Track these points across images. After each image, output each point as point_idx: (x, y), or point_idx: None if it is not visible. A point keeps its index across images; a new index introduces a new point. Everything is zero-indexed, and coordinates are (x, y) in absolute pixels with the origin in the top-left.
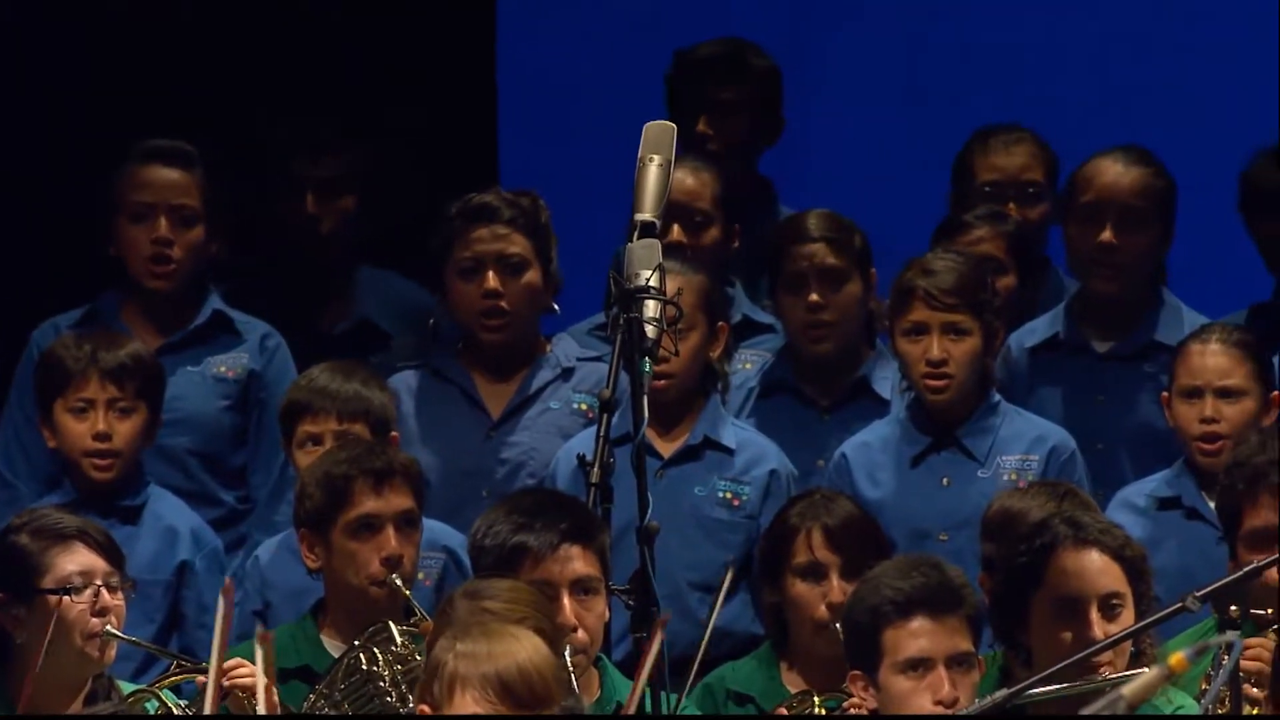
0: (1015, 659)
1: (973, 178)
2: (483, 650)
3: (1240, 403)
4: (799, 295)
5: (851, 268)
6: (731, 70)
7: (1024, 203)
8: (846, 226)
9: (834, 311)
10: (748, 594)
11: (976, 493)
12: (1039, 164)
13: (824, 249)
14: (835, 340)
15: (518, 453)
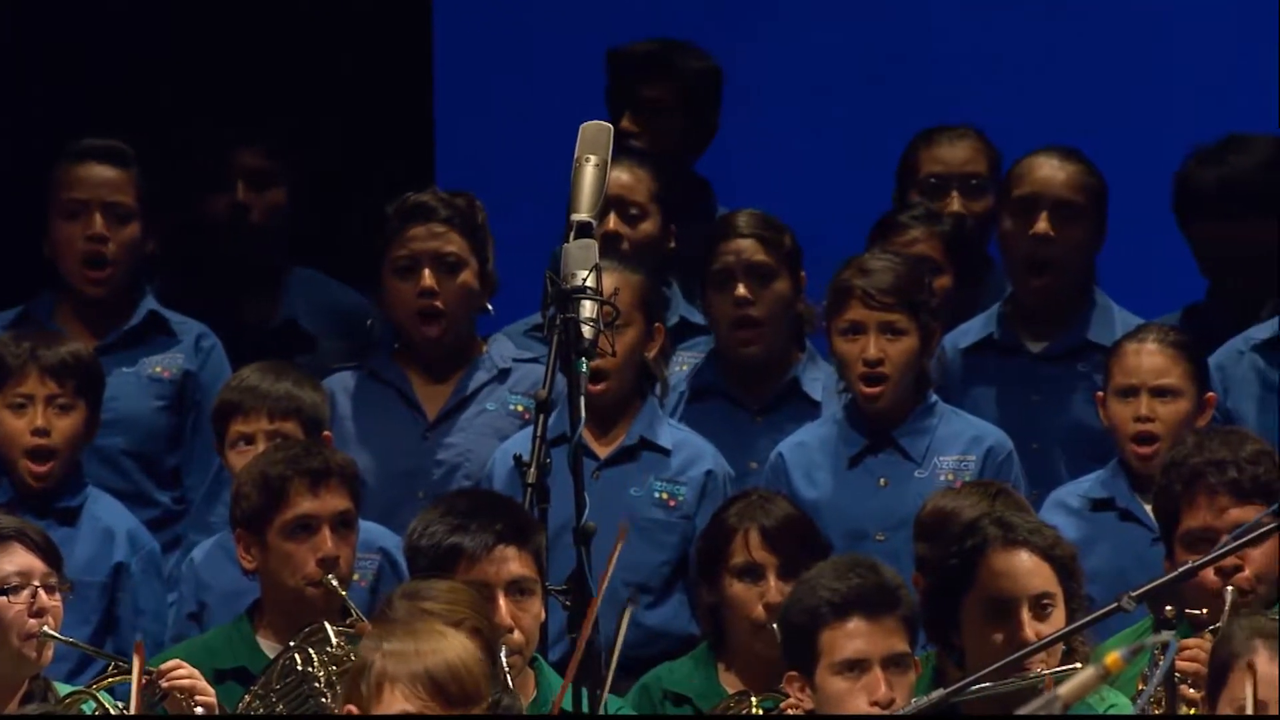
0: (948, 659)
1: (916, 171)
2: (410, 649)
3: (1175, 403)
4: (726, 292)
5: (780, 266)
6: (660, 70)
7: (968, 195)
8: (776, 225)
9: (761, 308)
10: (683, 594)
11: (913, 493)
12: (983, 158)
13: (753, 245)
14: (763, 341)
15: (454, 454)
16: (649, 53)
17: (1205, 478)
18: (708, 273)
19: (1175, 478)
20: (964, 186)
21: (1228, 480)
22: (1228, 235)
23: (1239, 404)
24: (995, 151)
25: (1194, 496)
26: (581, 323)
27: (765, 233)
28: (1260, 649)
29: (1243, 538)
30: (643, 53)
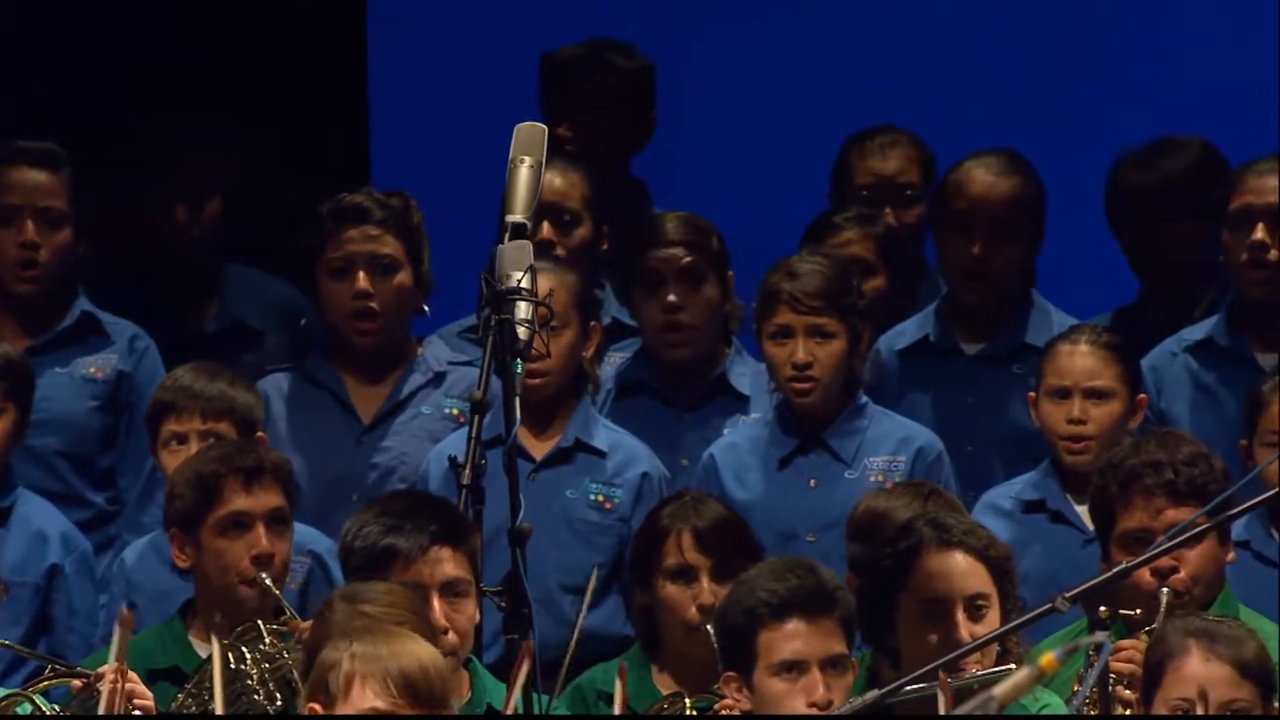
0: (883, 660)
1: (850, 180)
2: (384, 650)
3: (1108, 404)
4: (656, 297)
5: (708, 270)
6: (592, 71)
7: (900, 205)
8: (704, 229)
9: (691, 314)
10: (619, 596)
11: (843, 494)
12: (915, 166)
13: (681, 251)
14: (692, 345)
15: (388, 457)
16: (580, 55)
17: (1142, 479)
18: (636, 277)
19: (1112, 479)
20: (897, 198)
21: (1164, 482)
22: (1159, 237)
23: (1172, 405)
24: (929, 155)
25: (1130, 498)
26: (516, 324)
27: (693, 237)
28: (1193, 650)
29: (1177, 538)
30: (574, 55)
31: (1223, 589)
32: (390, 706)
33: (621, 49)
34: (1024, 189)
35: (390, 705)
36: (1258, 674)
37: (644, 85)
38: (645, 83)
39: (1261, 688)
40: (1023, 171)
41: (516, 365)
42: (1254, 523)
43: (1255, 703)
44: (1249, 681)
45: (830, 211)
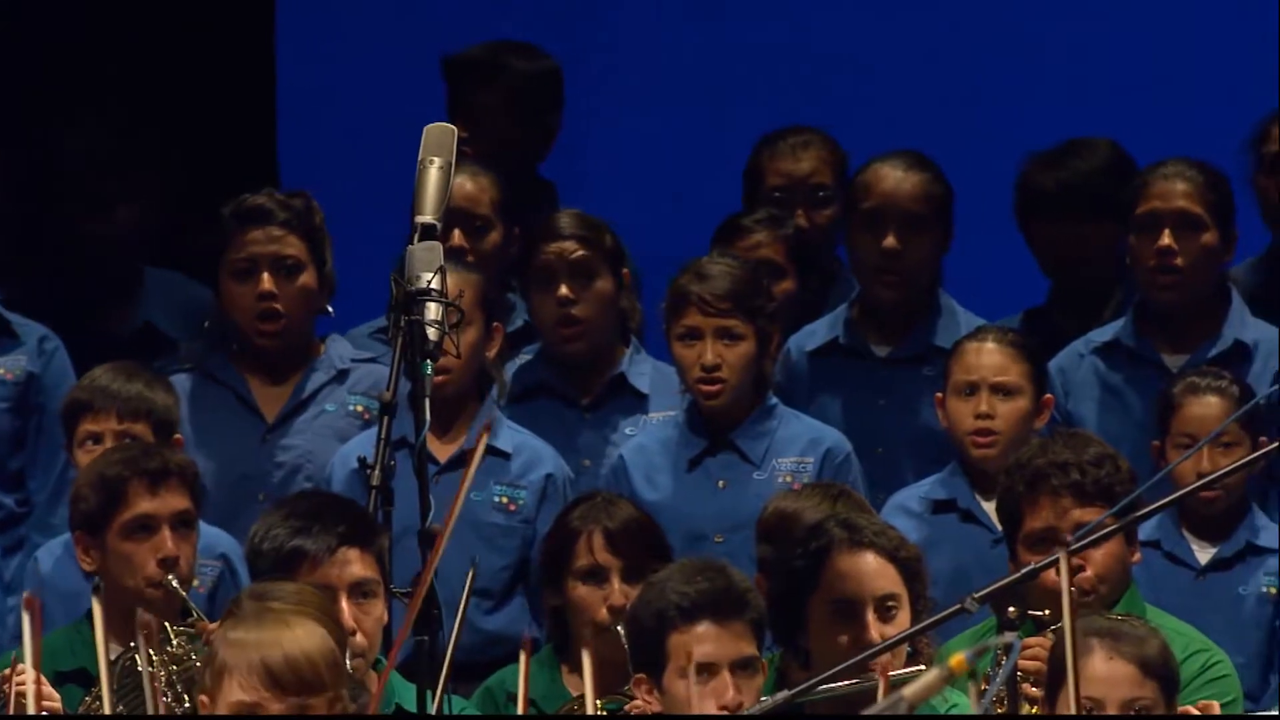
0: (793, 660)
1: (762, 182)
2: (251, 638)
3: (1014, 401)
4: (549, 291)
5: (601, 264)
6: (493, 73)
7: (813, 206)
8: (596, 225)
9: (585, 307)
10: (524, 598)
11: (752, 495)
12: (827, 167)
13: (573, 245)
14: (587, 339)
15: (293, 456)
16: (481, 58)
17: (1049, 479)
18: (530, 273)
19: (1019, 479)
20: (809, 199)
21: (1071, 482)
22: (1068, 238)
23: (1079, 406)
24: (840, 156)
25: (1037, 498)
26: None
27: (584, 232)
28: (1096, 649)
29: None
30: (475, 58)
31: (1129, 588)
32: (255, 699)
33: (525, 50)
34: (932, 186)
35: (255, 698)
36: (1160, 673)
37: (548, 87)
38: (549, 84)
39: (1164, 686)
40: (930, 170)
41: (426, 366)
42: (1165, 523)
43: (1158, 701)
44: (1152, 680)
45: (740, 214)
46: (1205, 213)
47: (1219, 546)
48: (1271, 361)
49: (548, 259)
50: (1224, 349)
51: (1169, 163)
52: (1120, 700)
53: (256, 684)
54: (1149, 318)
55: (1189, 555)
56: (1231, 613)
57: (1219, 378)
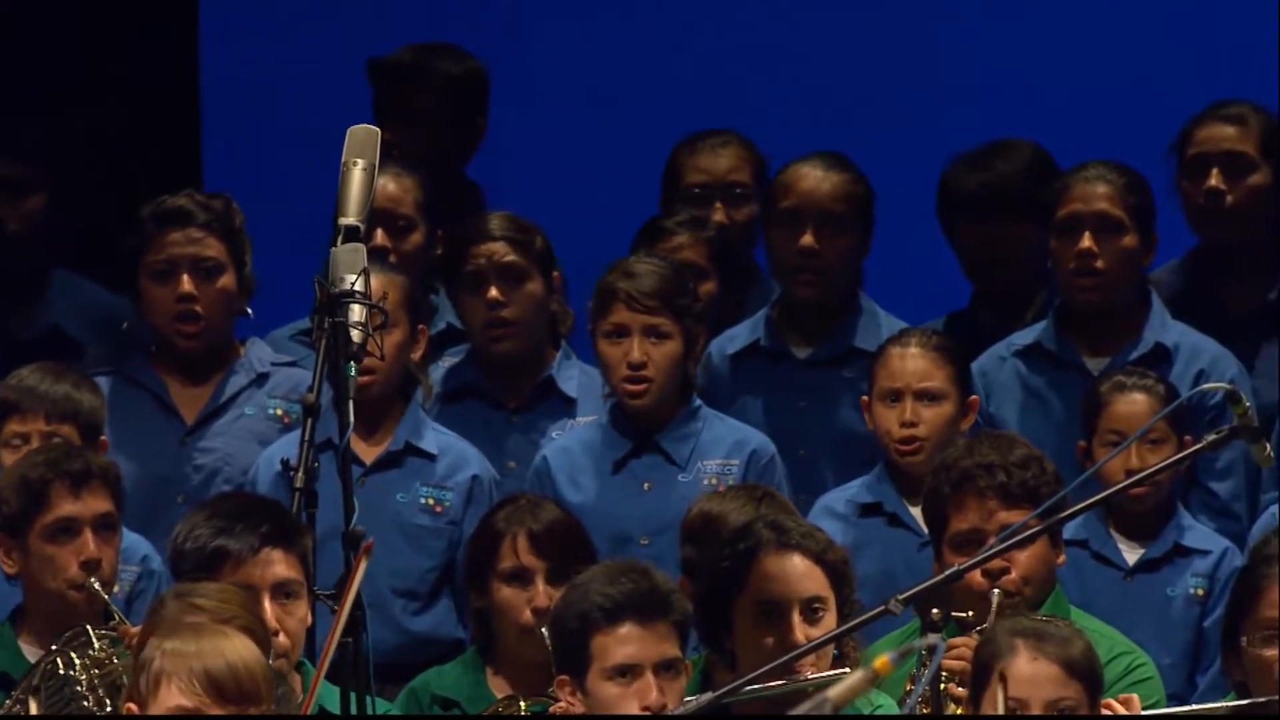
0: (719, 662)
1: (680, 180)
2: (191, 648)
3: (939, 406)
4: (478, 294)
5: (531, 267)
6: (419, 75)
7: (731, 204)
8: (527, 227)
9: (514, 309)
10: (451, 600)
11: (677, 497)
12: (746, 165)
13: (503, 247)
14: (517, 339)
15: (213, 459)
16: (407, 60)
17: (975, 481)
18: (460, 275)
19: (945, 480)
20: (728, 196)
21: (996, 484)
22: (991, 240)
23: (1001, 409)
24: (759, 157)
25: (963, 499)
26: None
27: (515, 234)
28: (1021, 649)
29: (1009, 540)
30: (400, 60)
31: (1054, 590)
32: (196, 705)
33: (450, 52)
34: (852, 186)
35: (196, 704)
36: (1085, 673)
37: (474, 89)
38: (475, 86)
39: (1088, 687)
40: (850, 170)
41: (350, 368)
42: (1094, 523)
43: (1081, 702)
44: (1076, 681)
45: (661, 215)
46: (1126, 215)
47: (1147, 547)
48: (1192, 364)
49: (478, 261)
50: (1145, 351)
51: (1090, 165)
52: (1044, 700)
53: (199, 690)
54: (1070, 321)
55: (1117, 555)
56: (1159, 614)
57: (1145, 376)
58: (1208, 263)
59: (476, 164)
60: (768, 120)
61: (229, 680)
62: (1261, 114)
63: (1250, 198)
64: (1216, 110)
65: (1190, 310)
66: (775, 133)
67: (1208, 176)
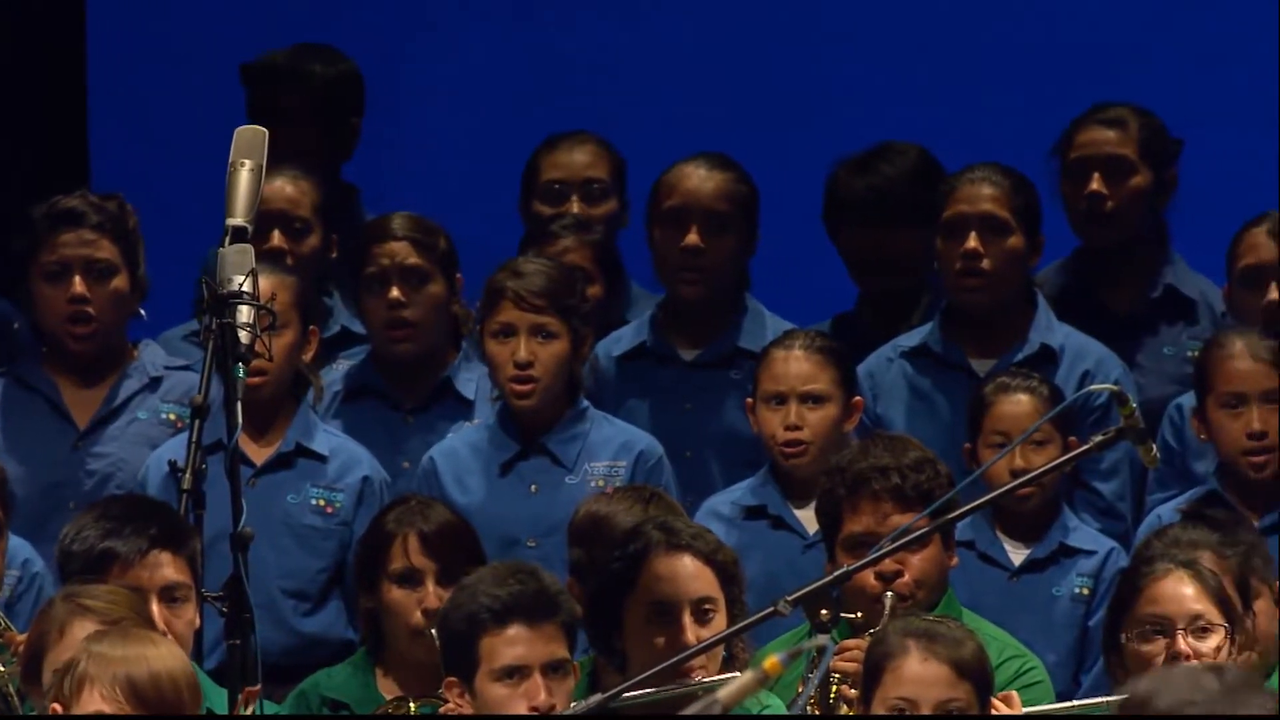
0: (608, 663)
1: (538, 177)
2: (117, 653)
3: (823, 408)
4: (380, 295)
5: (434, 269)
6: (293, 78)
7: (589, 200)
8: (431, 229)
9: (415, 310)
10: (341, 601)
11: (565, 499)
12: (603, 162)
13: (406, 248)
14: (417, 340)
15: (105, 464)
16: (281, 63)
17: (869, 484)
18: (361, 275)
19: (839, 483)
20: (585, 192)
21: (891, 486)
22: (876, 243)
23: (888, 410)
24: (618, 157)
25: (857, 502)
26: (238, 328)
27: (418, 235)
28: (912, 650)
29: (899, 541)
30: (275, 63)
31: (946, 592)
32: (116, 710)
33: (325, 54)
34: (735, 186)
35: (116, 709)
36: (974, 674)
37: (349, 90)
38: (349, 88)
39: (978, 688)
40: (734, 170)
41: (238, 369)
42: (979, 524)
43: (971, 703)
44: (966, 682)
45: (527, 212)
46: (1011, 216)
47: (1033, 548)
48: (1077, 365)
49: (380, 262)
50: (1030, 353)
51: (976, 167)
52: (934, 701)
53: (120, 696)
54: (956, 322)
55: (1003, 556)
56: (1045, 613)
57: (1029, 377)
58: (1090, 264)
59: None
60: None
61: (150, 688)
62: (1141, 116)
63: (1131, 201)
64: (1096, 113)
65: (1073, 311)
66: (661, 135)
67: (1089, 181)
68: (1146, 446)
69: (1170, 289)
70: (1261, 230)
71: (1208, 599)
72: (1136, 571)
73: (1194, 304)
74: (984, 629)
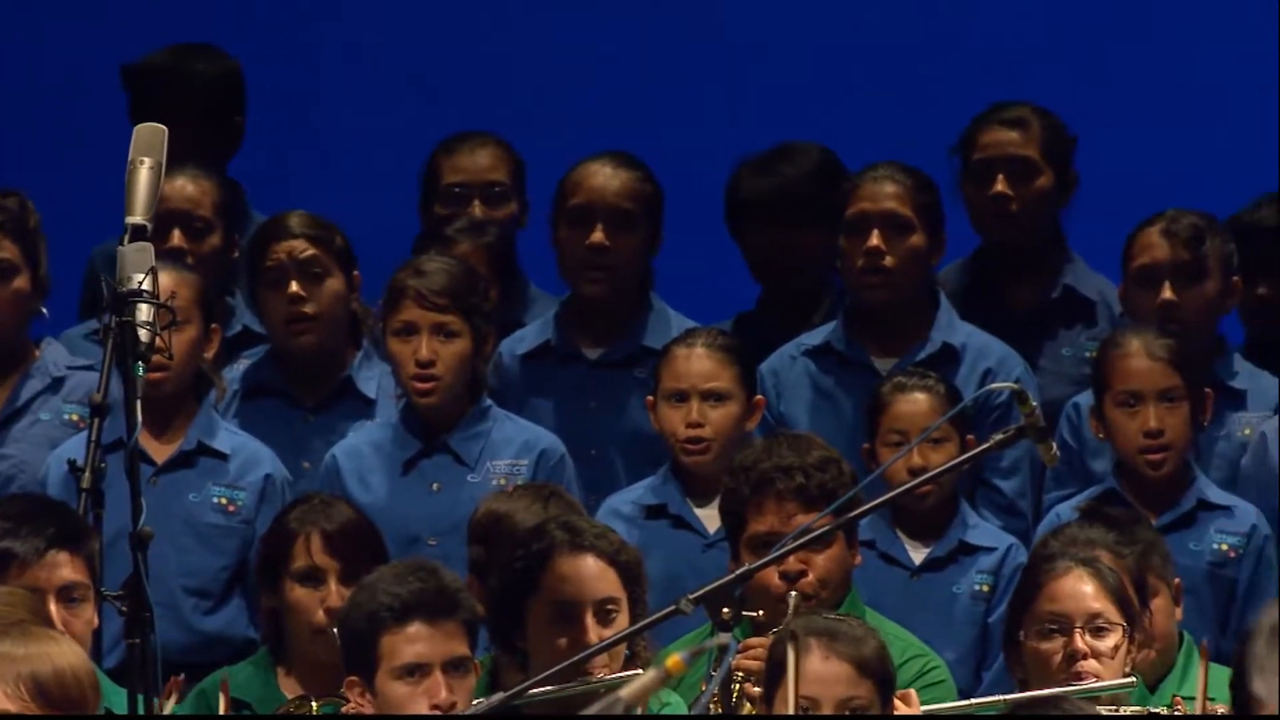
0: (510, 662)
1: (439, 180)
2: (19, 651)
3: (725, 406)
4: (279, 290)
5: (332, 264)
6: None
7: (490, 203)
8: (326, 225)
9: (315, 305)
10: (242, 599)
11: (466, 498)
12: (503, 165)
13: (303, 244)
14: (317, 334)
15: (8, 466)
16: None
17: (773, 484)
18: (260, 272)
19: (743, 482)
20: (487, 195)
21: (795, 486)
22: (779, 243)
23: (791, 408)
24: (517, 158)
25: (761, 501)
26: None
27: (315, 231)
28: (814, 648)
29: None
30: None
31: (850, 591)
32: (20, 709)
33: (204, 53)
34: (640, 184)
35: (20, 707)
36: (877, 673)
37: (230, 88)
38: (231, 85)
39: (880, 687)
40: (639, 169)
41: (138, 368)
42: (879, 524)
43: (873, 701)
44: (868, 680)
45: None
46: (914, 215)
47: (932, 546)
48: (979, 363)
49: (278, 257)
50: (932, 351)
51: (878, 166)
52: (836, 699)
53: (24, 694)
54: (859, 321)
55: (904, 555)
56: (945, 611)
57: (925, 376)
58: (991, 262)
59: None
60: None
61: (55, 686)
62: (1042, 117)
63: (1035, 202)
64: (997, 113)
65: (975, 310)
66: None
67: (994, 182)
68: (1047, 445)
69: (1069, 289)
70: (1155, 230)
71: (1106, 598)
72: (1037, 569)
73: (1093, 305)
74: (886, 628)
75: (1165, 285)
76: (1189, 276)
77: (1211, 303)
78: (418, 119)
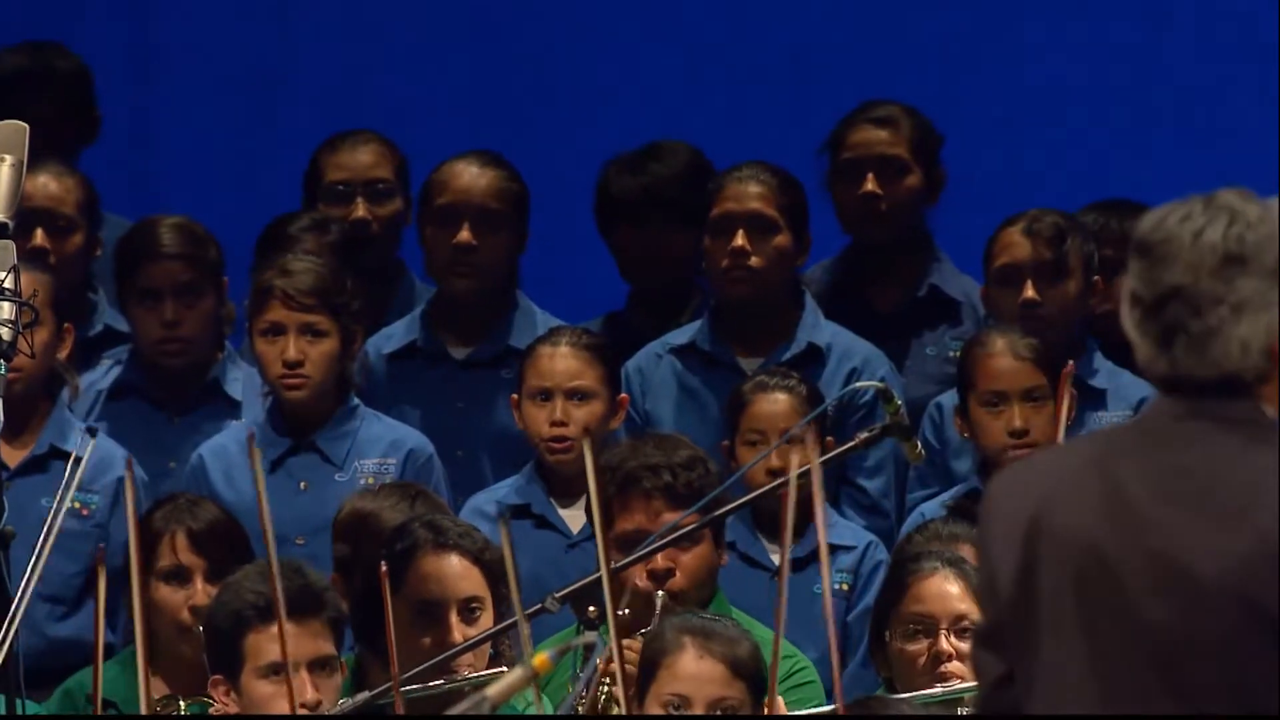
0: (373, 660)
1: (322, 178)
2: None
3: (589, 405)
4: (153, 310)
5: (206, 283)
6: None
7: (374, 200)
8: (202, 240)
9: (189, 328)
10: None
11: (333, 496)
12: (387, 162)
13: (180, 267)
14: (189, 355)
15: None
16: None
17: (640, 482)
18: (130, 285)
19: (610, 481)
20: (371, 193)
21: (662, 484)
22: (647, 242)
23: (657, 407)
24: (401, 156)
25: (628, 500)
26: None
27: (191, 249)
28: (688, 646)
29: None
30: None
31: (716, 593)
32: None
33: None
34: (507, 183)
35: None
36: (749, 673)
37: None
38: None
39: (752, 687)
40: (505, 168)
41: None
42: (738, 526)
43: (745, 702)
44: (740, 680)
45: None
46: (779, 215)
47: (792, 547)
48: (844, 363)
49: (153, 279)
50: (798, 351)
51: (743, 166)
52: (708, 699)
53: None
54: (725, 321)
55: (764, 556)
56: (806, 611)
57: (787, 376)
58: (857, 262)
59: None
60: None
61: None
62: (911, 116)
63: (905, 201)
64: (866, 112)
65: (840, 309)
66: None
67: (863, 181)
68: (912, 443)
69: (934, 289)
70: (1016, 229)
71: (972, 599)
72: (903, 569)
73: (958, 304)
74: (754, 630)
75: (1027, 284)
76: (1051, 275)
77: (1073, 302)
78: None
